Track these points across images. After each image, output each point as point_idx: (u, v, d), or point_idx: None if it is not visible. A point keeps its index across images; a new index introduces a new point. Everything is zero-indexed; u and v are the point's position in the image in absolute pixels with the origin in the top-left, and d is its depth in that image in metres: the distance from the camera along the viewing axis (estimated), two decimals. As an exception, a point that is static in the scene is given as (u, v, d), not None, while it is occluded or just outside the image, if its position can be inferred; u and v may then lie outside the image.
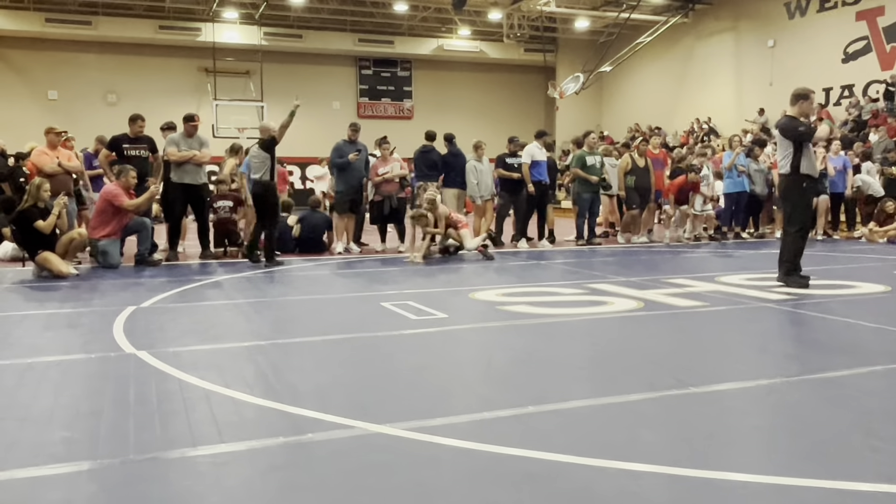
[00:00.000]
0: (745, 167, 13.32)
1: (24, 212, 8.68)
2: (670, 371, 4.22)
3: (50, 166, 9.64)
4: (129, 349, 4.81)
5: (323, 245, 11.53)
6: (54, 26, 25.15)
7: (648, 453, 2.93)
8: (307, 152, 24.43)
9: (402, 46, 29.72)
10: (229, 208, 10.96)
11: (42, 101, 25.46)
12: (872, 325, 5.60)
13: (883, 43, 20.02)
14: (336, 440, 3.12)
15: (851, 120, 19.64)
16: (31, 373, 4.25)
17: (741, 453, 3.01)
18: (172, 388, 3.91)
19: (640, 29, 25.95)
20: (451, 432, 3.18)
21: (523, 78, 31.92)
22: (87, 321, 5.90)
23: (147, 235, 9.80)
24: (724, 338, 5.40)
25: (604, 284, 7.76)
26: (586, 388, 3.98)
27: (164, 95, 26.22)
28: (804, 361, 4.63)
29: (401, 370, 4.41)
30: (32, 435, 3.20)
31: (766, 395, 3.81)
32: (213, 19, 26.44)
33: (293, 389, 3.88)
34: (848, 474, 2.72)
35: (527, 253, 11.60)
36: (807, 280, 7.39)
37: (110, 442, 3.10)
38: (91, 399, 3.74)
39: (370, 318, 6.08)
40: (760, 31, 23.57)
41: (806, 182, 7.36)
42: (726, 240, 13.42)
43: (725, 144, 17.88)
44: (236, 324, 5.92)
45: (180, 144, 10.08)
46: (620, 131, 27.74)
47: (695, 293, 7.16)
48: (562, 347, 5.05)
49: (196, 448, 3.02)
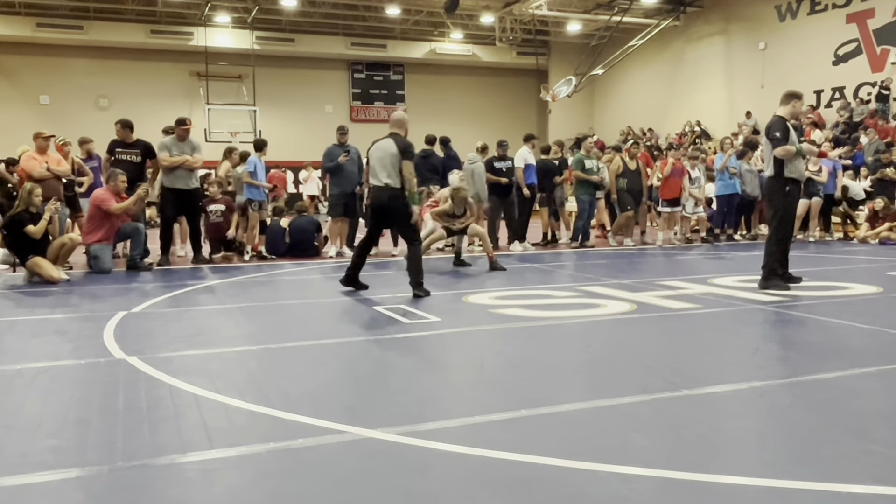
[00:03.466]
0: (737, 169, 13.36)
1: (15, 217, 8.64)
2: (663, 374, 4.21)
3: (38, 171, 9.60)
4: (120, 355, 4.78)
5: (314, 248, 11.51)
6: (45, 31, 25.06)
7: (641, 456, 2.91)
8: (299, 156, 24.43)
9: (395, 50, 29.73)
10: (221, 212, 10.93)
11: (34, 106, 25.35)
12: (865, 326, 5.60)
13: (873, 45, 20.09)
14: (327, 445, 3.10)
15: (842, 122, 19.70)
16: (20, 379, 4.21)
17: (734, 456, 3.00)
18: (162, 393, 3.88)
19: (632, 32, 26.00)
20: (443, 437, 3.16)
21: (516, 81, 31.96)
22: (78, 327, 5.86)
23: (140, 240, 9.78)
24: (717, 340, 5.40)
25: (597, 287, 7.75)
26: (579, 392, 3.96)
27: (156, 100, 26.16)
28: (797, 363, 4.62)
29: (393, 374, 4.38)
30: (20, 442, 3.17)
31: (759, 398, 3.80)
32: (205, 23, 26.39)
33: (284, 395, 3.85)
34: (841, 476, 2.71)
35: (520, 256, 11.59)
36: (788, 283, 7.38)
37: (99, 449, 3.07)
38: (80, 406, 3.71)
39: (362, 322, 6.06)
40: (751, 33, 23.64)
41: (790, 186, 7.30)
42: (718, 242, 13.44)
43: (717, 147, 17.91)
44: (227, 329, 5.89)
45: (172, 149, 10.04)
46: (613, 134, 27.75)
47: (687, 295, 7.15)
48: (555, 351, 5.03)
49: (185, 455, 2.99)
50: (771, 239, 7.50)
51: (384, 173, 7.13)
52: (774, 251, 7.41)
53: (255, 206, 11.00)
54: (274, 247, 11.22)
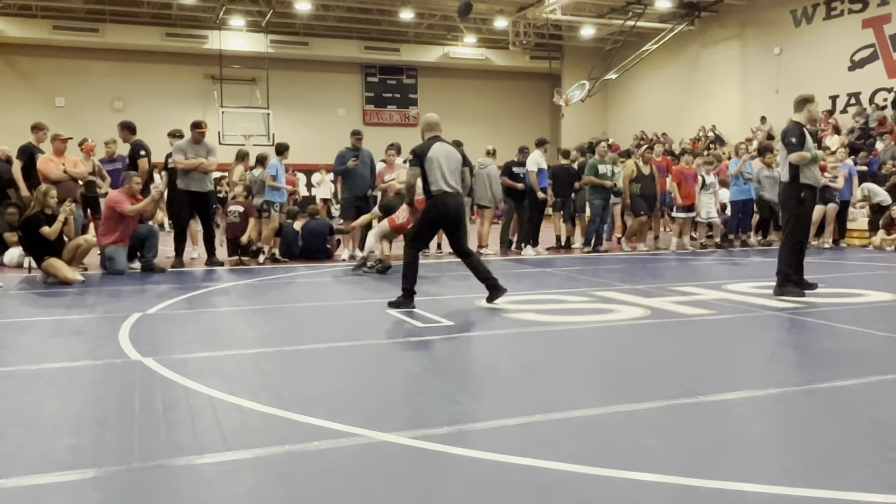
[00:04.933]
0: (752, 175, 13.29)
1: (31, 218, 8.71)
2: (678, 380, 4.19)
3: (56, 173, 9.67)
4: (135, 356, 4.80)
5: (326, 251, 11.54)
6: (62, 33, 25.26)
7: (657, 463, 2.90)
8: (312, 159, 24.49)
9: (408, 54, 29.77)
10: (239, 213, 10.97)
11: (49, 108, 25.50)
12: (881, 333, 5.55)
13: (889, 50, 19.96)
14: (342, 448, 3.10)
15: (858, 128, 19.59)
16: (37, 379, 4.24)
17: (750, 463, 2.98)
18: (178, 395, 3.90)
19: (646, 36, 25.94)
20: (458, 441, 3.16)
21: (529, 85, 31.94)
22: (93, 328, 5.90)
23: (154, 243, 9.83)
24: (733, 346, 5.37)
25: (610, 292, 7.73)
26: (594, 397, 3.95)
27: (170, 102, 26.31)
28: (813, 370, 4.60)
29: (407, 378, 4.39)
30: (37, 442, 3.19)
31: (776, 405, 3.78)
32: (219, 27, 26.52)
33: (299, 397, 3.86)
34: (859, 485, 2.69)
35: (532, 260, 11.58)
36: (803, 289, 7.32)
37: (115, 449, 3.09)
38: (96, 406, 3.73)
39: (376, 325, 6.07)
40: (766, 38, 23.53)
41: (805, 192, 7.23)
42: (733, 247, 13.38)
43: (731, 152, 17.84)
44: (242, 331, 5.91)
45: (187, 152, 10.09)
46: (626, 139, 27.71)
47: (702, 301, 7.12)
48: (569, 355, 5.02)
49: (202, 456, 3.01)
50: (785, 245, 7.45)
51: (454, 180, 6.85)
52: (788, 258, 7.37)
53: (276, 208, 11.08)
54: (287, 249, 11.28)
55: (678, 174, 13.02)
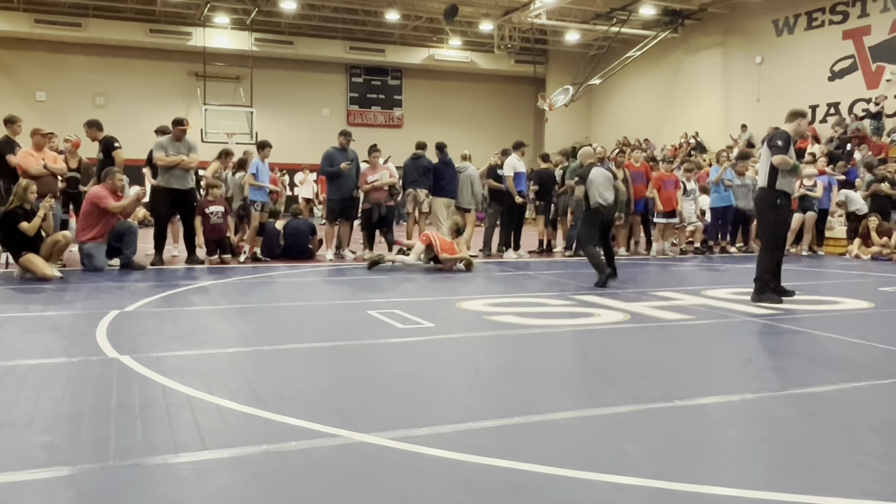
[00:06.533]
0: (732, 182, 13.41)
1: (9, 213, 8.61)
2: (656, 384, 4.22)
3: (35, 168, 9.57)
4: (112, 353, 4.76)
5: (308, 251, 11.50)
6: (43, 27, 25.02)
7: (634, 466, 2.92)
8: (296, 159, 24.42)
9: (394, 55, 29.77)
10: (221, 214, 10.88)
11: (30, 102, 25.25)
12: (857, 340, 5.63)
13: (869, 62, 20.22)
14: (319, 448, 3.09)
15: (837, 137, 19.80)
16: (12, 376, 4.19)
17: (726, 467, 3.01)
18: (155, 393, 3.87)
19: (630, 43, 26.10)
20: (435, 442, 3.16)
21: (513, 89, 32.04)
22: (70, 324, 5.84)
23: (133, 239, 9.73)
24: (710, 351, 5.41)
25: (590, 296, 7.77)
26: (572, 400, 3.97)
27: (152, 99, 26.15)
28: (789, 376, 4.64)
29: (386, 379, 4.38)
30: (11, 439, 3.15)
31: (751, 409, 3.82)
32: (204, 24, 26.38)
33: (277, 397, 3.84)
34: (833, 490, 2.72)
35: (513, 263, 11.60)
36: (780, 296, 7.39)
37: (91, 447, 3.06)
38: (72, 403, 3.69)
39: (356, 325, 6.06)
40: (748, 47, 23.76)
41: (780, 199, 7.31)
42: (712, 254, 13.48)
43: (712, 159, 17.98)
44: (221, 329, 5.88)
45: (168, 149, 10.02)
46: (609, 144, 27.75)
47: (681, 306, 7.17)
48: (548, 358, 5.04)
49: (178, 455, 2.99)
50: (763, 252, 7.52)
51: (609, 195, 8.84)
52: (767, 264, 7.43)
53: (257, 207, 11.02)
54: (269, 249, 11.22)
55: (658, 180, 13.09)
